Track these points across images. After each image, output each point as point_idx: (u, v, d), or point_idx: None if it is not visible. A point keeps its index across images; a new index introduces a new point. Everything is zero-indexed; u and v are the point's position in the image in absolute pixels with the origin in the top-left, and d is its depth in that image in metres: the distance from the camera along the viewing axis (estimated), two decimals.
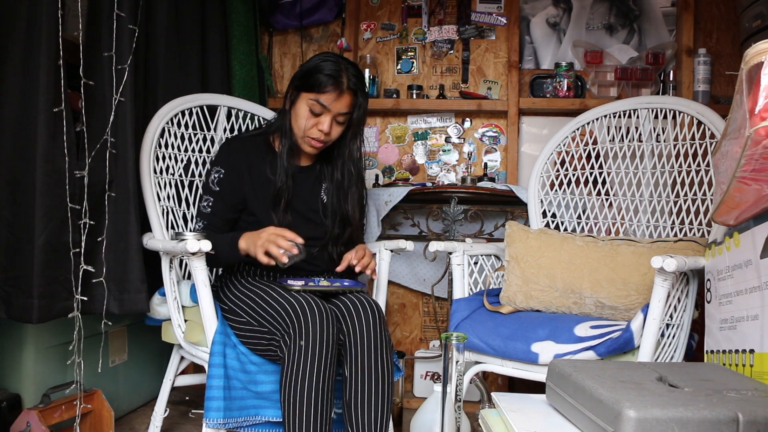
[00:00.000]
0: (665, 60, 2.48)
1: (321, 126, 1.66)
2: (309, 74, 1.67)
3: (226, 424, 1.48)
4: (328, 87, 1.64)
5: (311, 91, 1.65)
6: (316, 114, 1.66)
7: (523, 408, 1.07)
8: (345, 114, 1.69)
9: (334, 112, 1.66)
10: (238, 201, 1.73)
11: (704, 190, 1.82)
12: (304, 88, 1.67)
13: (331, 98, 1.65)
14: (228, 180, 1.72)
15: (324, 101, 1.65)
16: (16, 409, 1.67)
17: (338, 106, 1.66)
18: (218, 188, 1.72)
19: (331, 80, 1.64)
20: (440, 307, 2.50)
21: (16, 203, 1.52)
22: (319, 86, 1.64)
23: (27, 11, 1.50)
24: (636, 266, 1.63)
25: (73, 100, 1.62)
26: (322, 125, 1.66)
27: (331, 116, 1.67)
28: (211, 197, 1.72)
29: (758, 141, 1.00)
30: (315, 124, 1.67)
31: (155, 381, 2.21)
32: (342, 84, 1.65)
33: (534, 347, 1.53)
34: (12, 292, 1.52)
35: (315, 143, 1.70)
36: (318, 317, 1.43)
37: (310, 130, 1.68)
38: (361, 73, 1.72)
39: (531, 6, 2.64)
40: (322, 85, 1.64)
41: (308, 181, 1.79)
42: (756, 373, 1.16)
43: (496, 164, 2.62)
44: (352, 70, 1.68)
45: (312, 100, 1.65)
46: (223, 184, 1.72)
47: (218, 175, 1.73)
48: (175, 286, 1.71)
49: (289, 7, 2.66)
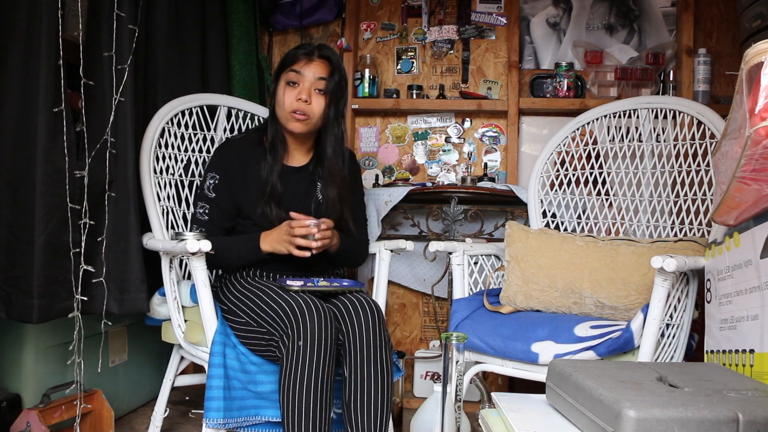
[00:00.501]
0: (665, 60, 2.48)
1: (300, 95, 1.69)
2: (284, 59, 1.75)
3: (226, 424, 1.48)
4: (299, 57, 1.71)
5: (285, 69, 1.72)
6: (293, 84, 1.70)
7: (523, 408, 1.07)
8: (322, 79, 1.70)
9: (309, 78, 1.70)
10: (233, 206, 1.73)
11: (704, 190, 1.82)
12: (280, 71, 1.74)
13: (302, 64, 1.70)
14: (223, 186, 1.72)
15: (297, 68, 1.70)
16: (16, 409, 1.67)
17: (312, 71, 1.70)
18: (214, 194, 1.72)
19: (302, 50, 1.72)
20: (440, 307, 2.50)
21: (16, 203, 1.52)
22: (292, 60, 1.72)
23: (27, 11, 1.50)
24: (636, 266, 1.63)
25: (73, 100, 1.62)
26: (300, 94, 1.69)
27: (308, 83, 1.70)
28: (207, 204, 1.72)
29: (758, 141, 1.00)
30: (295, 96, 1.69)
31: (155, 381, 2.21)
32: (312, 53, 1.72)
33: (534, 347, 1.53)
34: (12, 292, 1.52)
35: (298, 116, 1.70)
36: (316, 317, 1.43)
37: (290, 103, 1.70)
38: (335, 52, 1.77)
39: (531, 6, 2.64)
40: (294, 57, 1.72)
41: (303, 182, 1.79)
42: (756, 373, 1.16)
43: (496, 164, 2.62)
44: (324, 48, 1.74)
45: (287, 74, 1.71)
46: (218, 190, 1.72)
47: (213, 181, 1.73)
48: (175, 286, 1.71)
49: (289, 7, 2.66)
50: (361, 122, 2.70)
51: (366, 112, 2.68)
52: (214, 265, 1.69)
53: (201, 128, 2.02)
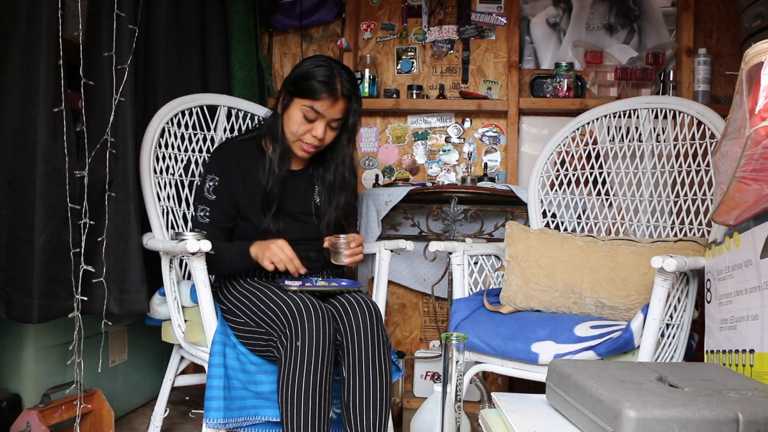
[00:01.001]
0: (665, 60, 2.48)
1: (315, 132, 1.66)
2: (302, 80, 1.65)
3: (226, 424, 1.48)
4: (323, 94, 1.62)
5: (305, 98, 1.64)
6: (309, 120, 1.66)
7: (523, 408, 1.07)
8: (339, 120, 1.68)
9: (328, 118, 1.66)
10: (233, 207, 1.72)
11: (704, 190, 1.82)
12: (297, 93, 1.66)
13: (325, 105, 1.64)
14: (223, 187, 1.71)
15: (318, 108, 1.64)
16: (16, 409, 1.67)
17: (332, 113, 1.66)
18: (214, 196, 1.71)
19: (325, 87, 1.62)
20: (440, 307, 2.50)
21: (16, 203, 1.52)
22: (313, 93, 1.63)
23: (27, 11, 1.50)
24: (636, 266, 1.62)
25: (73, 100, 1.62)
26: (316, 131, 1.66)
27: (325, 122, 1.66)
28: (207, 207, 1.71)
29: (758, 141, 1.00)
30: (308, 129, 1.67)
31: (155, 381, 2.21)
32: (336, 90, 1.63)
33: (534, 347, 1.53)
34: (12, 292, 1.52)
35: (308, 148, 1.70)
36: (314, 317, 1.42)
37: (303, 135, 1.67)
38: (354, 77, 1.71)
39: (531, 6, 2.64)
40: (316, 92, 1.63)
41: (301, 185, 1.79)
42: (756, 373, 1.16)
43: (496, 164, 2.62)
44: (345, 75, 1.67)
45: (306, 107, 1.64)
46: (218, 192, 1.71)
47: (213, 183, 1.72)
48: (175, 286, 1.71)
49: (289, 7, 2.65)
50: (361, 122, 2.70)
51: (366, 112, 2.67)
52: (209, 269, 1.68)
53: (201, 128, 2.02)
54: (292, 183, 1.77)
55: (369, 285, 1.98)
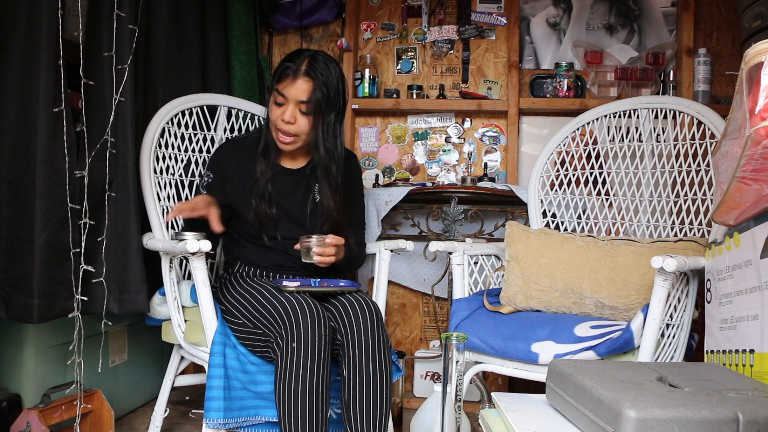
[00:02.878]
0: (665, 60, 2.48)
1: (284, 115, 1.66)
2: (276, 68, 1.71)
3: (226, 424, 1.48)
4: (284, 75, 1.66)
5: (275, 85, 1.68)
6: (279, 105, 1.68)
7: (523, 408, 1.07)
8: (305, 102, 1.65)
9: (293, 100, 1.65)
10: (226, 206, 1.73)
11: (704, 190, 1.82)
12: (273, 83, 1.71)
13: (287, 85, 1.65)
14: (216, 186, 1.74)
15: (282, 89, 1.66)
16: (16, 409, 1.67)
17: (294, 92, 1.65)
18: (205, 192, 1.73)
19: (288, 69, 1.66)
20: (440, 307, 2.50)
21: (16, 203, 1.52)
22: (278, 77, 1.67)
23: (27, 11, 1.50)
24: (636, 266, 1.62)
25: (73, 100, 1.62)
26: (284, 114, 1.66)
27: (292, 105, 1.66)
28: None
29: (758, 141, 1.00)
30: (280, 114, 1.67)
31: (155, 381, 2.21)
32: (298, 70, 1.64)
33: (534, 347, 1.53)
34: (12, 292, 1.52)
35: (283, 138, 1.69)
36: (310, 318, 1.42)
37: (277, 122, 1.68)
38: (330, 64, 1.68)
39: (531, 6, 2.64)
40: (280, 75, 1.67)
41: (299, 184, 1.78)
42: (756, 373, 1.16)
43: (496, 164, 2.62)
44: (313, 58, 1.66)
45: (276, 93, 1.68)
46: (210, 189, 1.73)
47: (207, 179, 1.76)
48: (175, 286, 1.71)
49: (289, 7, 2.65)
50: (361, 122, 2.70)
51: (366, 112, 2.68)
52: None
53: (201, 128, 2.02)
54: (287, 181, 1.77)
55: (369, 285, 1.98)
